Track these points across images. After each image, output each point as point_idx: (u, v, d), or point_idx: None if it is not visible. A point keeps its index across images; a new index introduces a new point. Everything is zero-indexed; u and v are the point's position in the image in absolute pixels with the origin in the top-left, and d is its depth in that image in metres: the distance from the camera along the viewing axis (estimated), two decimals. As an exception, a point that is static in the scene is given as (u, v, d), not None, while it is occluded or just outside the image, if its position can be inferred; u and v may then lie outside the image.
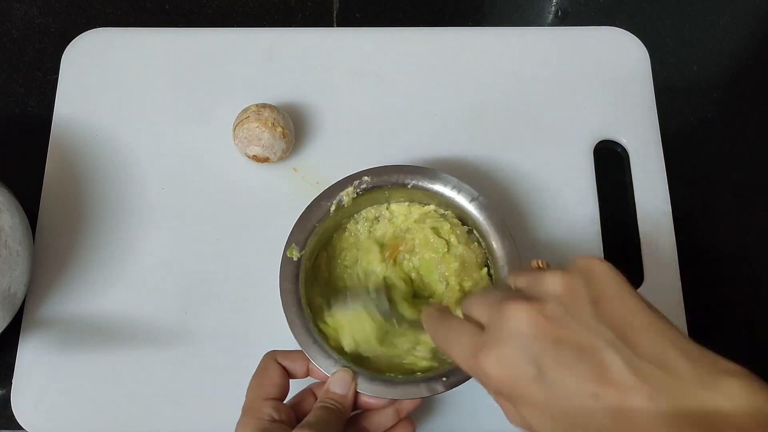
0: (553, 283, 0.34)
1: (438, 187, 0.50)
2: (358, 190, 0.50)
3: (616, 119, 0.60)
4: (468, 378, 0.44)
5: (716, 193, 0.60)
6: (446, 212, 0.51)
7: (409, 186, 0.50)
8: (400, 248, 0.51)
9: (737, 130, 0.62)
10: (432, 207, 0.51)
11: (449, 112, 0.60)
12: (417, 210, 0.52)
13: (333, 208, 0.50)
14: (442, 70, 0.61)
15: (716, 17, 0.67)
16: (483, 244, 0.50)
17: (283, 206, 0.56)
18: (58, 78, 0.61)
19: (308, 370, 0.45)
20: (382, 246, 0.51)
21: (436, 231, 0.50)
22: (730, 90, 0.64)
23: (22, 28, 0.65)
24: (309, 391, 0.46)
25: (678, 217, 0.57)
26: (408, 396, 0.44)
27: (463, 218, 0.51)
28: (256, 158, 0.56)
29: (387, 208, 0.52)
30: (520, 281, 0.38)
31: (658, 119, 0.60)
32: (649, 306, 0.32)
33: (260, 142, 0.54)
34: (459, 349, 0.36)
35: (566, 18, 0.66)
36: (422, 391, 0.44)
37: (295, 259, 0.48)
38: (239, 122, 0.55)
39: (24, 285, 0.50)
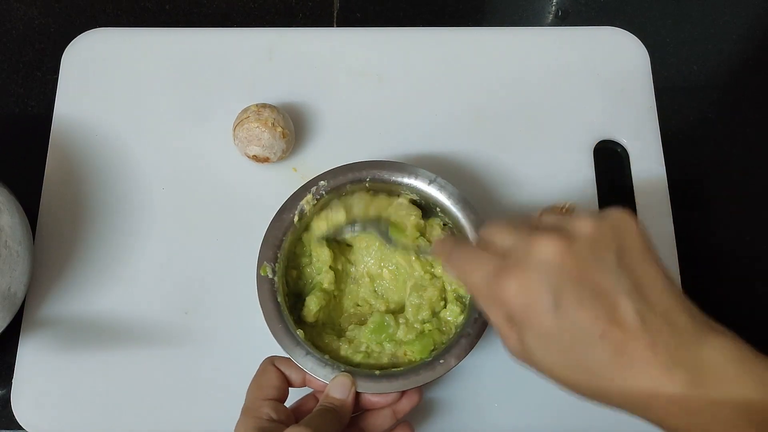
0: (584, 225, 0.36)
1: (396, 177, 0.50)
2: (317, 196, 0.50)
3: (616, 119, 0.60)
4: (464, 356, 0.45)
5: (716, 193, 0.60)
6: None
7: (366, 181, 0.51)
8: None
9: (737, 130, 0.62)
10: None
11: (449, 112, 0.60)
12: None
13: (296, 219, 0.50)
14: (442, 70, 0.61)
15: (716, 17, 0.67)
16: (450, 224, 0.51)
17: (283, 206, 0.56)
18: (58, 78, 0.61)
19: (305, 379, 0.45)
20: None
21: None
22: (730, 90, 0.64)
23: (22, 28, 0.65)
24: (311, 396, 0.46)
25: (678, 217, 0.57)
26: (411, 385, 0.44)
27: (426, 201, 0.51)
28: (256, 158, 0.56)
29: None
30: (548, 218, 0.38)
31: (658, 119, 0.60)
32: (663, 267, 0.36)
33: (260, 142, 0.54)
34: (478, 271, 0.37)
35: (566, 18, 0.66)
36: (423, 377, 0.44)
37: (270, 276, 0.48)
38: (239, 122, 0.55)
39: (24, 285, 0.50)
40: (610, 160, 0.59)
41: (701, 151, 0.61)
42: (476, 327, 0.46)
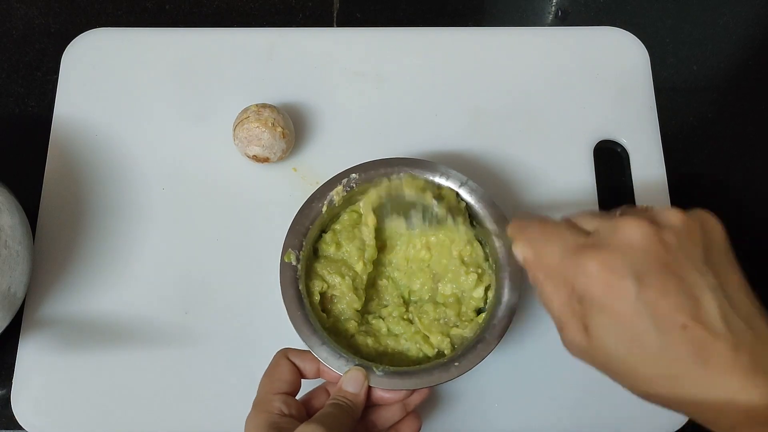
0: (674, 216, 0.35)
1: (427, 176, 0.50)
2: (347, 188, 0.50)
3: (616, 119, 0.60)
4: (479, 361, 0.45)
5: (716, 193, 0.60)
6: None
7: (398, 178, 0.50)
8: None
9: (737, 130, 0.62)
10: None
11: (449, 112, 0.60)
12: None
13: (324, 208, 0.50)
14: (442, 70, 0.61)
15: (716, 17, 0.67)
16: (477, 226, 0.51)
17: (283, 206, 0.56)
18: (58, 78, 0.61)
19: (318, 370, 0.45)
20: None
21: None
22: (730, 90, 0.64)
23: (22, 28, 0.65)
24: (322, 389, 0.46)
25: (678, 217, 0.57)
26: (423, 385, 0.44)
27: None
28: (256, 158, 0.56)
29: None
30: (634, 210, 0.38)
31: (658, 119, 0.60)
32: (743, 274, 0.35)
33: (260, 142, 0.54)
34: (555, 246, 0.37)
35: (566, 18, 0.66)
36: (436, 378, 0.44)
37: (293, 263, 0.48)
38: (239, 122, 0.55)
39: (24, 285, 0.50)
40: (610, 160, 0.59)
41: (701, 151, 0.61)
42: (493, 333, 0.46)
